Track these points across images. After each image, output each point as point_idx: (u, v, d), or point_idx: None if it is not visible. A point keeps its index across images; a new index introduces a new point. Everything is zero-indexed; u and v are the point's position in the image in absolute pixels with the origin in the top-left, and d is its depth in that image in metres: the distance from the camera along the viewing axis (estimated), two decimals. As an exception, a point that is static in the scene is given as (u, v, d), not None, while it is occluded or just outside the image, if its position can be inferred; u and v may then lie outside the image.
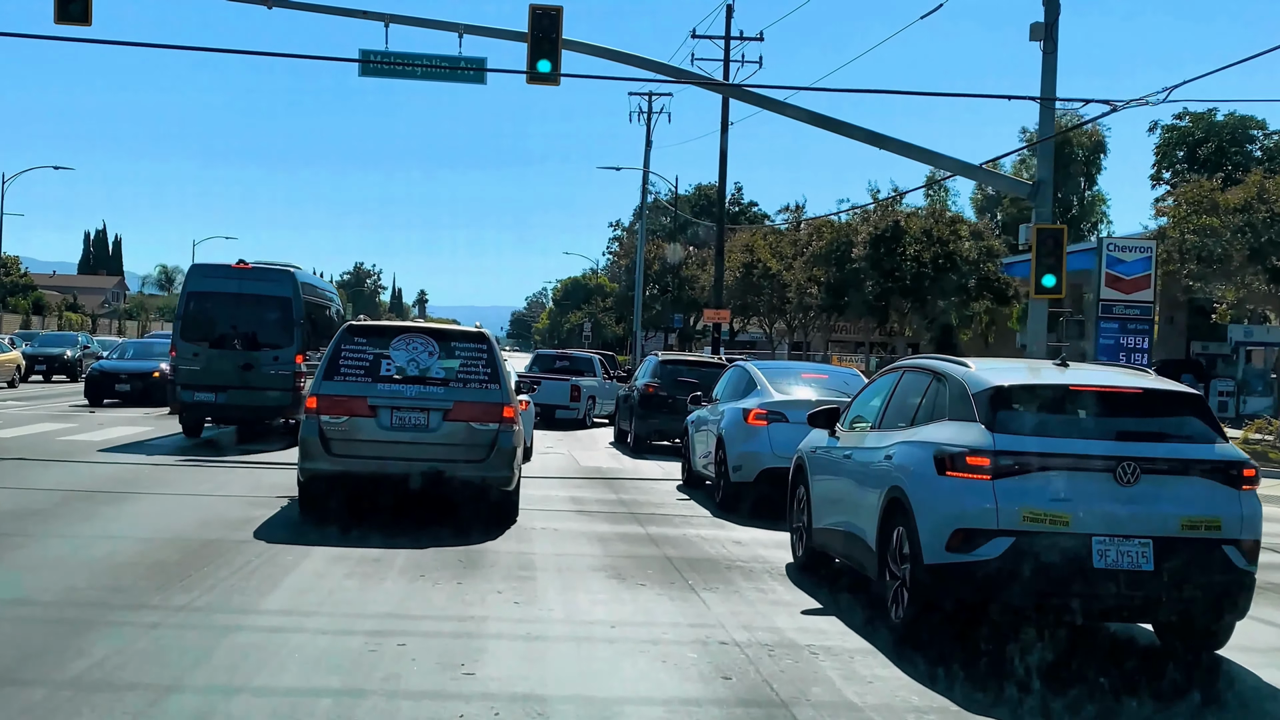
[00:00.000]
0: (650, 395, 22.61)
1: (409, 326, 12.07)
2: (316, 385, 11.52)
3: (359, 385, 11.38)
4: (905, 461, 8.41)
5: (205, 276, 20.79)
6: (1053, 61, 23.16)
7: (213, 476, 15.39)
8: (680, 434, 21.73)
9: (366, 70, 22.15)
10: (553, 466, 18.90)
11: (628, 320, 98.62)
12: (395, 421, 11.32)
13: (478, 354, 11.72)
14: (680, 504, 14.89)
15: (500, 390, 11.60)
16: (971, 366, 8.67)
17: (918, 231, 34.91)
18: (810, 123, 23.47)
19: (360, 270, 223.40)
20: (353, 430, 11.28)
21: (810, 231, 40.73)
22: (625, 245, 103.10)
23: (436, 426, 11.32)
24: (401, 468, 11.27)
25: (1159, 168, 73.04)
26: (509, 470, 11.52)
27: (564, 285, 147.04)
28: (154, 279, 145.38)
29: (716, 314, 43.34)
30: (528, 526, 12.03)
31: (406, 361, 11.53)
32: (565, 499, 14.59)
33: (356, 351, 11.57)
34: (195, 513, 12.03)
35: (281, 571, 9.08)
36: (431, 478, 11.33)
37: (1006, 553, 7.59)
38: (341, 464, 11.30)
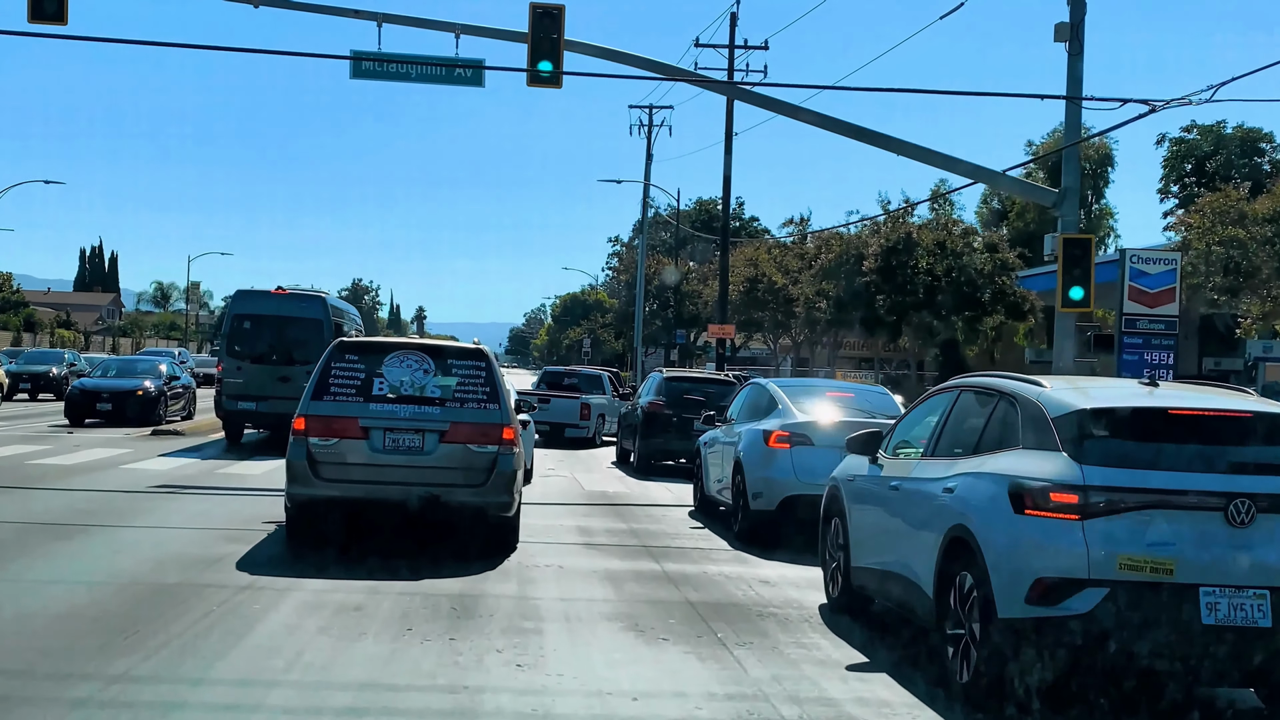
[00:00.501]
0: (655, 414, 21.68)
1: (403, 343, 11.47)
2: (305, 405, 10.84)
3: (350, 405, 10.75)
4: (971, 496, 7.21)
5: (248, 300, 23.09)
6: (1078, 64, 22.05)
7: (188, 506, 14.18)
8: (688, 455, 20.37)
9: (358, 72, 21.01)
10: (555, 490, 17.69)
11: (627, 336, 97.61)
12: (388, 444, 10.69)
13: (476, 372, 11.10)
14: (695, 534, 13.70)
15: (499, 410, 10.92)
16: (1046, 385, 7.49)
17: (930, 244, 33.77)
18: (823, 127, 22.34)
19: (358, 286, 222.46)
20: (343, 453, 10.66)
21: (818, 244, 39.58)
22: (625, 260, 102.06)
23: (432, 449, 10.68)
24: (395, 493, 10.68)
25: (1167, 181, 72.10)
26: (509, 495, 10.87)
27: (563, 301, 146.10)
28: (150, 295, 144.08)
29: (721, 329, 42.17)
30: (530, 563, 10.83)
31: (400, 380, 10.90)
32: (571, 529, 13.38)
33: (347, 369, 10.94)
34: (161, 549, 10.82)
35: (246, 624, 7.86)
36: (427, 503, 10.69)
37: (1099, 606, 6.42)
38: (331, 489, 10.66)
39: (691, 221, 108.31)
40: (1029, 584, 6.56)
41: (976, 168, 23.09)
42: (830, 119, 22.27)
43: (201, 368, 60.18)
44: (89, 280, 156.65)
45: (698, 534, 13.67)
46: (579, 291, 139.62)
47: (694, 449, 20.23)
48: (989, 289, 33.24)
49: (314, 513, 10.89)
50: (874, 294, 33.80)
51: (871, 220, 35.52)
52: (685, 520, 14.90)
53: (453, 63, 20.94)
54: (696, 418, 20.55)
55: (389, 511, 11.01)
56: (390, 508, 10.89)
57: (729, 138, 41.74)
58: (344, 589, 9.18)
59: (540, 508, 15.10)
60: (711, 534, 13.67)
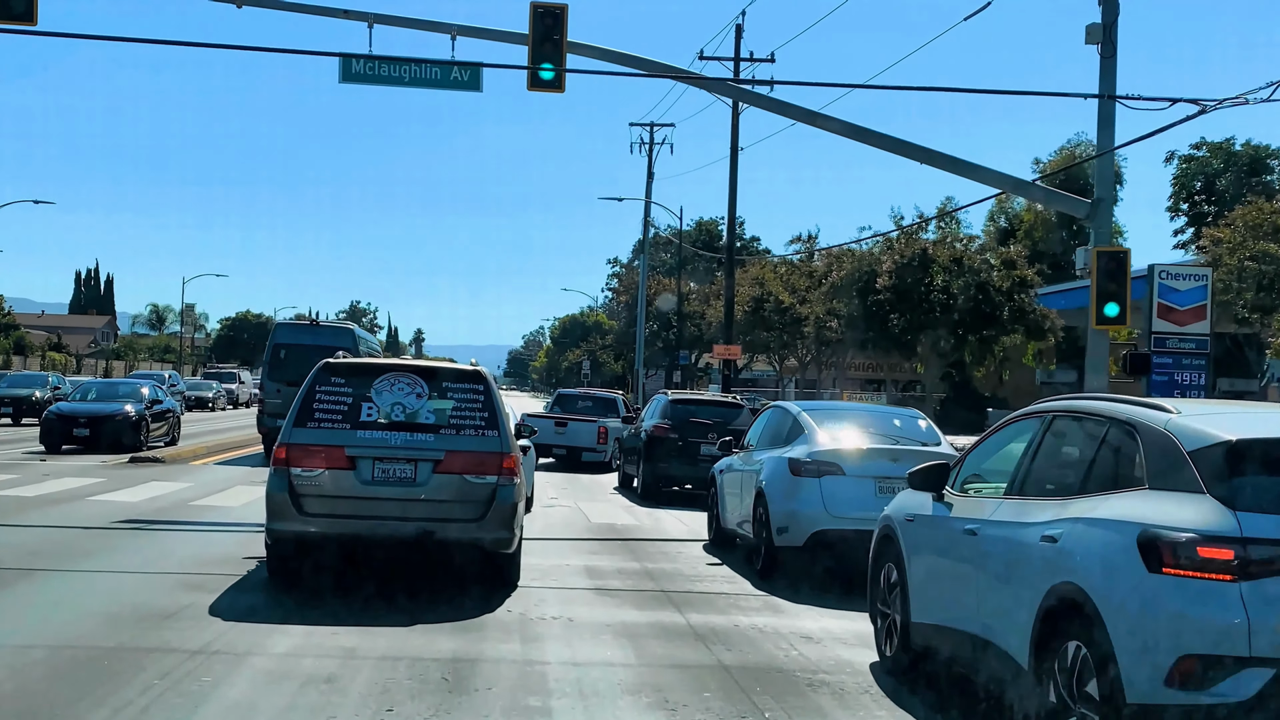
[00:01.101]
0: (660, 438, 20.61)
1: (395, 364, 10.55)
2: (286, 432, 9.93)
3: (336, 432, 9.86)
4: (1084, 548, 5.82)
5: (286, 331, 27.18)
6: (1112, 66, 20.75)
7: (155, 544, 12.75)
8: (695, 481, 20.10)
9: (348, 75, 19.68)
10: (559, 523, 16.27)
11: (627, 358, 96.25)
12: (378, 474, 9.81)
13: (473, 396, 10.23)
14: (715, 573, 12.30)
15: (499, 437, 10.05)
16: (1172, 410, 6.09)
17: (946, 260, 32.44)
18: (844, 134, 21.05)
19: (356, 309, 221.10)
20: (328, 485, 9.78)
21: (829, 261, 38.25)
22: (624, 282, 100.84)
23: (425, 480, 9.81)
24: (385, 528, 9.85)
25: (1176, 200, 70.91)
26: (509, 530, 9.99)
27: (562, 323, 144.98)
28: (145, 318, 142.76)
29: (727, 350, 40.81)
30: (534, 613, 9.42)
31: (391, 405, 10.07)
32: (578, 570, 11.95)
33: (334, 393, 10.07)
34: (111, 600, 9.40)
35: (190, 706, 6.44)
36: (419, 539, 9.85)
37: (1264, 691, 5.04)
38: (315, 524, 9.75)
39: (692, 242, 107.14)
40: (1171, 662, 5.18)
41: (1005, 177, 21.80)
42: (852, 126, 20.99)
43: (193, 390, 58.86)
44: (84, 303, 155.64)
45: (718, 573, 12.26)
46: (578, 313, 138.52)
47: (701, 475, 19.28)
48: (1007, 307, 31.90)
49: (297, 550, 10.01)
50: (888, 312, 32.45)
51: (884, 236, 34.22)
52: (702, 557, 13.48)
53: (449, 64, 19.63)
54: (704, 442, 19.89)
55: (378, 548, 10.17)
56: (380, 544, 10.08)
57: (734, 152, 40.49)
58: (316, 650, 7.78)
59: (544, 544, 13.70)
60: (733, 573, 12.29)
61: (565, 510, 18.09)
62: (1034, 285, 33.72)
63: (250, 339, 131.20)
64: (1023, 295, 32.71)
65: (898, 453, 11.49)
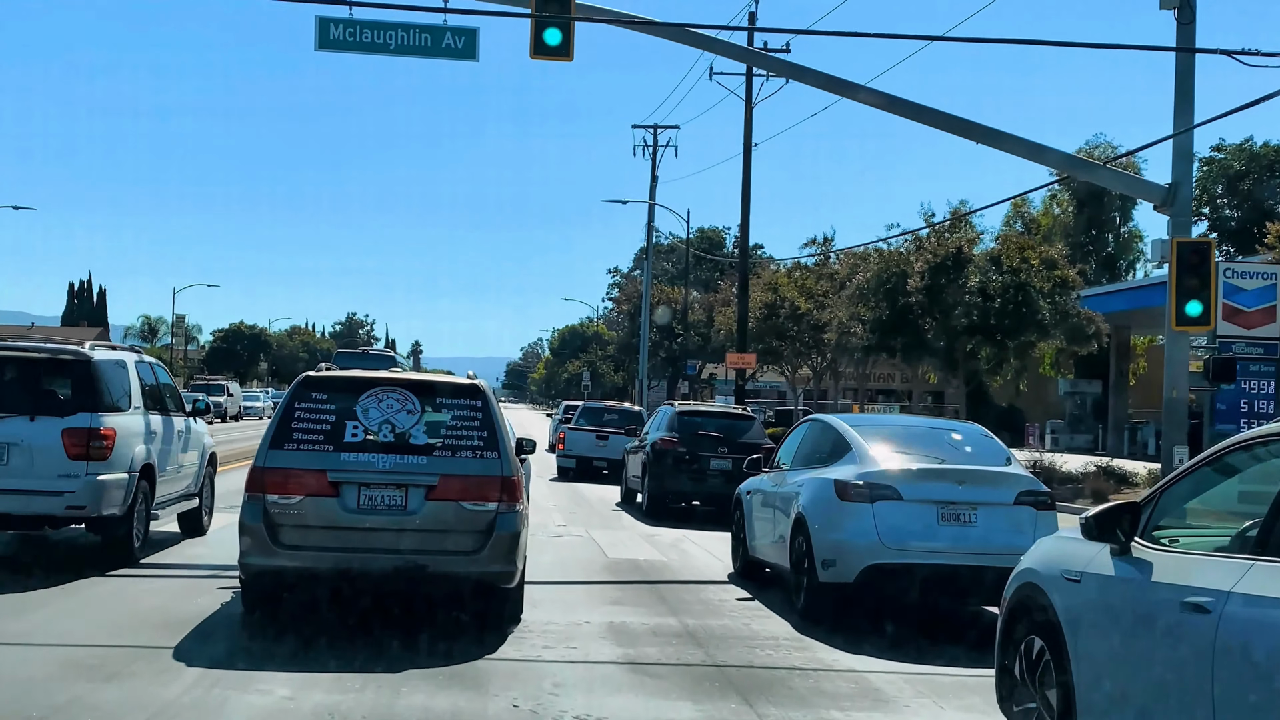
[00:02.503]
0: (667, 451, 19.43)
1: (382, 378, 9.37)
2: (261, 454, 8.83)
3: (317, 455, 8.80)
4: None
5: (341, 358, 30.13)
6: (1190, 32, 18.32)
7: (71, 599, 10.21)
8: (704, 497, 19.45)
9: (325, 41, 17.26)
10: (573, 560, 13.72)
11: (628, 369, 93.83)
12: (364, 502, 8.73)
13: (471, 412, 9.10)
14: (752, 615, 10.24)
15: (499, 459, 8.91)
16: None
17: (983, 260, 29.93)
18: (885, 108, 18.64)
19: (353, 320, 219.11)
20: (309, 514, 8.69)
21: (852, 263, 35.74)
22: (625, 291, 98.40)
23: (417, 508, 8.74)
24: (371, 561, 8.69)
25: (1198, 203, 68.65)
26: (510, 563, 8.88)
27: (561, 334, 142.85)
28: (137, 330, 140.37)
29: (740, 359, 38.35)
30: (550, 708, 6.91)
31: (379, 423, 8.95)
32: (603, 631, 9.41)
33: (314, 411, 8.96)
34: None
35: None
36: (411, 574, 8.74)
37: None
38: (294, 558, 8.66)
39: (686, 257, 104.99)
40: None
41: (1069, 157, 19.40)
42: (890, 97, 18.55)
43: (178, 404, 56.27)
44: (77, 315, 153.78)
45: (755, 615, 10.19)
46: (577, 324, 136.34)
47: (711, 491, 18.99)
48: (1051, 310, 29.41)
49: (273, 586, 9.05)
50: (920, 316, 29.93)
51: (913, 234, 31.75)
52: (731, 591, 11.32)
53: (441, 29, 17.17)
54: (713, 456, 19.11)
55: (364, 584, 8.93)
56: (366, 579, 8.84)
57: (748, 150, 38.10)
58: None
59: (558, 591, 11.22)
60: (770, 613, 10.51)
61: (576, 541, 15.56)
62: (1076, 287, 31.23)
63: (244, 351, 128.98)
64: (1063, 297, 30.21)
65: (963, 474, 9.98)
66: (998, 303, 29.12)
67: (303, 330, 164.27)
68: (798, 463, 11.65)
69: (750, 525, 12.45)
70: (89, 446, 11.01)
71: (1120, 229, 71.52)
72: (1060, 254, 31.51)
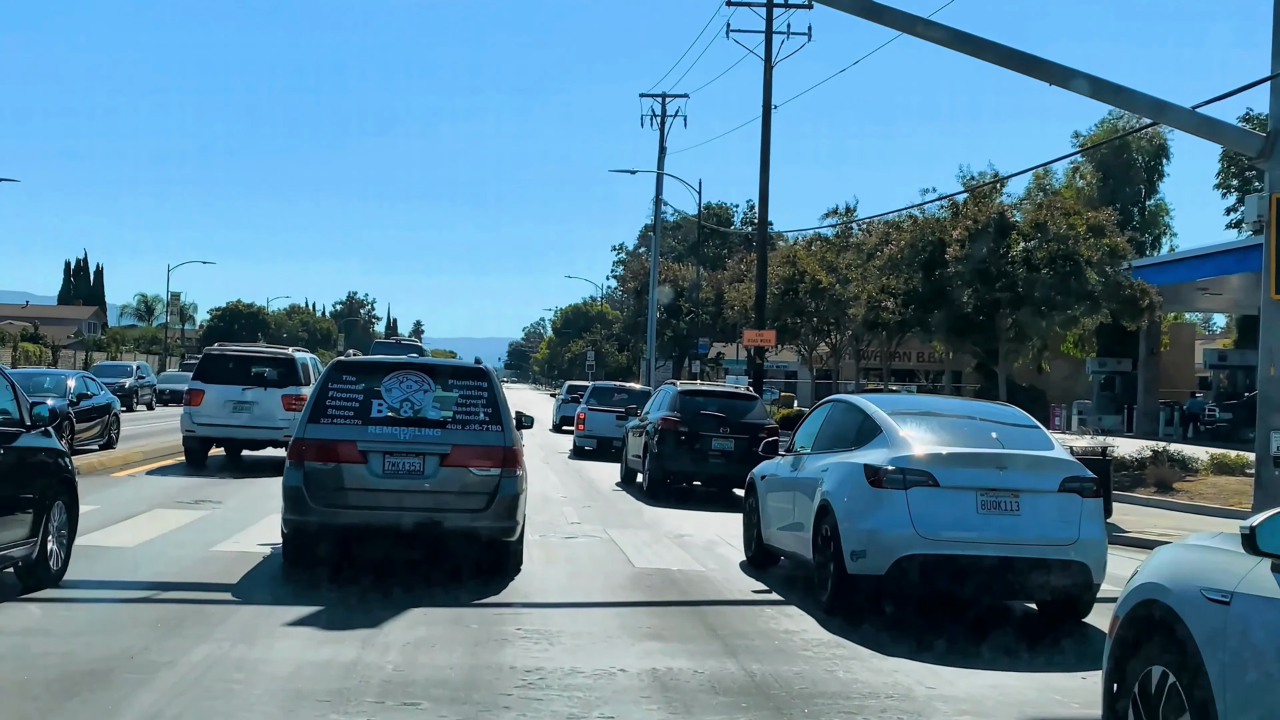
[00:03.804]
0: (670, 431, 19.23)
1: (402, 363, 10.99)
2: (300, 427, 10.41)
3: (348, 428, 10.28)
4: None
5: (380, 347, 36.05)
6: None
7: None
8: (704, 477, 19.40)
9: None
10: (593, 571, 11.41)
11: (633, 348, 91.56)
12: (388, 468, 10.23)
13: (478, 392, 10.63)
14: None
15: (502, 432, 10.47)
16: None
17: (1028, 226, 27.52)
18: (945, 44, 16.20)
19: (353, 300, 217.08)
20: (341, 478, 10.15)
21: (884, 232, 33.28)
22: (630, 269, 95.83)
23: (433, 473, 10.25)
24: (394, 518, 10.20)
25: (1226, 175, 66.28)
26: (512, 520, 10.38)
27: (564, 314, 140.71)
28: (133, 309, 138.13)
29: (759, 336, 35.98)
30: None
31: (400, 401, 10.47)
32: (644, 681, 7.09)
33: (345, 390, 10.47)
34: None
35: None
36: (427, 529, 10.24)
37: None
38: (329, 515, 10.13)
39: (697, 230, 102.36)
40: None
41: (1159, 103, 16.89)
42: (958, 33, 16.12)
43: (167, 384, 53.71)
44: (74, 294, 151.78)
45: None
46: (580, 303, 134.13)
47: (713, 472, 19.12)
48: (1100, 280, 27.00)
49: (311, 539, 10.37)
50: (960, 288, 27.55)
51: (949, 199, 29.33)
52: (833, 644, 8.79)
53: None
54: (715, 436, 19.04)
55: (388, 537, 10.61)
56: (389, 533, 10.46)
57: (767, 112, 35.69)
58: None
59: (580, 619, 9.04)
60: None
61: (594, 544, 13.30)
62: (1127, 255, 28.83)
63: (242, 330, 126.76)
64: (1115, 267, 27.80)
65: (1004, 458, 9.39)
66: (1044, 273, 26.74)
67: (302, 309, 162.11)
68: (819, 446, 10.97)
69: (764, 512, 11.82)
70: (295, 403, 19.33)
71: (1145, 202, 69.04)
72: (1109, 219, 29.08)
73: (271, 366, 21.01)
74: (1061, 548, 9.03)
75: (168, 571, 10.23)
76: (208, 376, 20.91)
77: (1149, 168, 67.49)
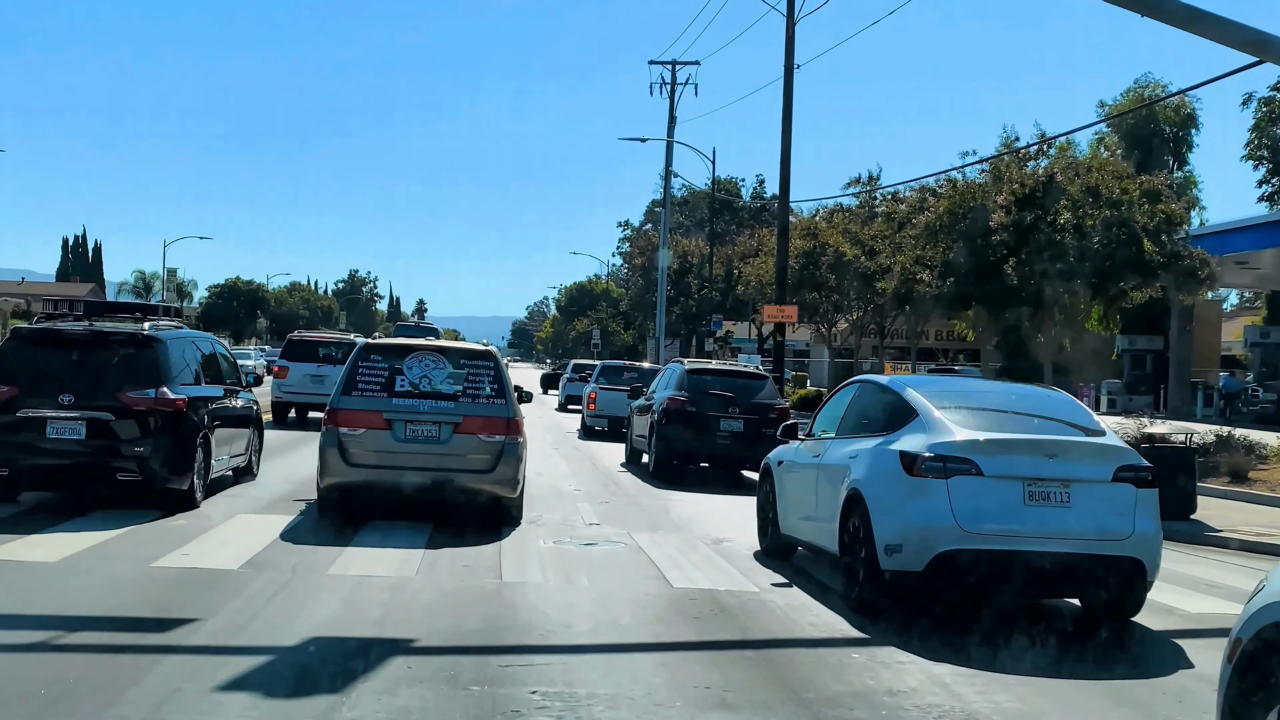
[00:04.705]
0: (676, 411, 18.75)
1: (421, 345, 12.47)
2: (335, 399, 11.92)
3: (375, 400, 11.86)
4: None
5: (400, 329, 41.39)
6: None
7: None
8: (711, 458, 18.94)
9: None
10: (624, 597, 9.10)
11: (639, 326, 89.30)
12: (409, 434, 11.81)
13: (485, 370, 12.21)
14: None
15: (506, 405, 12.04)
16: None
17: (1078, 191, 25.28)
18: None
19: (355, 278, 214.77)
20: (369, 442, 11.75)
21: (917, 199, 30.98)
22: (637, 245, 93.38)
23: (447, 439, 11.82)
24: (414, 477, 11.79)
25: (1255, 146, 63.80)
26: (514, 481, 12.01)
27: (568, 291, 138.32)
28: (130, 286, 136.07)
29: (779, 312, 33.66)
30: None
31: (419, 377, 12.01)
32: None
33: (373, 368, 12.03)
34: None
35: None
36: (442, 486, 11.84)
37: None
38: (359, 474, 11.76)
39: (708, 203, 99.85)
40: None
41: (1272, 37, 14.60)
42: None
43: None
44: (71, 271, 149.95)
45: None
46: (585, 281, 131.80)
47: (721, 453, 18.68)
48: (1157, 250, 24.78)
49: (343, 494, 11.90)
50: (1005, 257, 25.32)
51: (990, 161, 27.04)
52: None
53: None
54: (724, 416, 18.68)
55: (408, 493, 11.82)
56: (409, 490, 11.77)
57: (789, 72, 33.30)
58: None
59: (616, 666, 6.87)
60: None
61: (619, 554, 11.15)
62: (1184, 223, 26.57)
63: (241, 308, 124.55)
64: (1170, 235, 25.57)
65: (1053, 445, 8.75)
66: (1096, 242, 24.50)
67: (303, 287, 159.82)
68: (846, 430, 10.31)
69: (782, 500, 11.32)
70: None
71: (1174, 173, 66.64)
72: (1164, 184, 26.82)
73: (337, 348, 25.53)
74: (1115, 543, 8.42)
75: (87, 607, 8.08)
76: (291, 355, 25.71)
77: (1177, 138, 65.09)
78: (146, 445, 11.53)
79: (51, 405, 11.42)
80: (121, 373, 11.74)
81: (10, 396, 11.43)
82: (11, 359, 11.82)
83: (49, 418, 11.38)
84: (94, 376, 11.67)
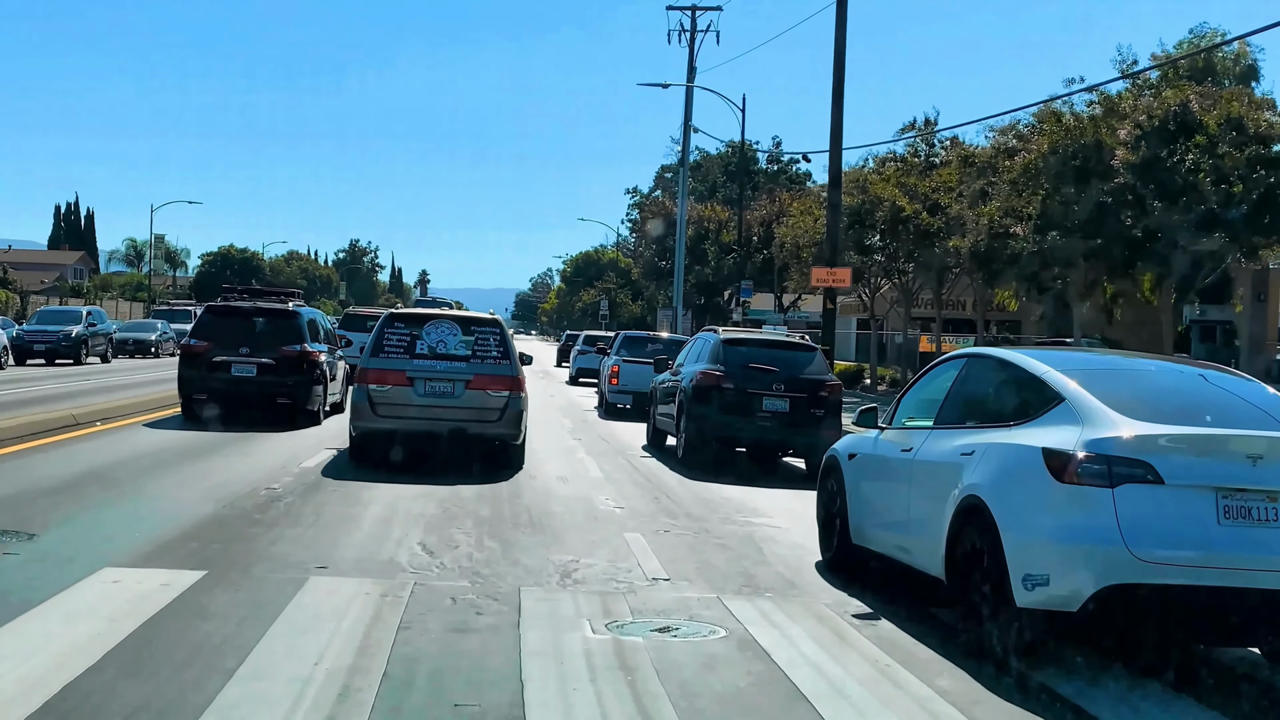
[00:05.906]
0: (711, 388, 16.61)
1: (437, 314, 15.03)
2: (365, 360, 14.38)
3: (399, 360, 14.19)
4: None
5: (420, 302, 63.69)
6: None
7: None
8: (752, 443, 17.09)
9: None
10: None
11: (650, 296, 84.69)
12: (428, 390, 14.10)
13: (492, 335, 14.59)
14: None
15: (510, 365, 14.41)
16: None
17: (1216, 124, 20.60)
18: None
19: (356, 248, 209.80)
20: (394, 396, 14.07)
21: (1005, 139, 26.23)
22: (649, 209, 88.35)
23: (460, 394, 14.12)
24: (432, 426, 14.14)
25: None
26: (517, 429, 14.43)
27: (574, 261, 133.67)
28: (121, 255, 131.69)
29: (830, 275, 29.09)
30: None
31: (436, 342, 14.32)
32: None
33: (396, 334, 14.41)
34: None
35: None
36: (456, 434, 14.13)
37: None
38: (385, 423, 14.11)
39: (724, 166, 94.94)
40: None
41: None
42: None
43: (130, 332, 46.79)
44: (63, 239, 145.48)
45: None
46: (591, 251, 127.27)
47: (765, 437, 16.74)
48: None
49: (372, 440, 14.27)
50: (1129, 204, 20.67)
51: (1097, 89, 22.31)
52: None
53: None
54: (767, 394, 16.53)
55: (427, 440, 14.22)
56: (428, 437, 14.19)
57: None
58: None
59: None
60: None
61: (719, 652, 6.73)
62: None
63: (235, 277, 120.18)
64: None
65: (1259, 443, 6.47)
66: (1240, 188, 19.88)
67: (301, 256, 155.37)
68: (949, 418, 8.31)
69: (855, 502, 9.38)
70: None
71: (1234, 132, 62.03)
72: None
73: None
74: None
75: None
76: (349, 327, 30.68)
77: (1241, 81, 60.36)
78: (294, 380, 18.18)
79: (234, 354, 18.13)
80: (278, 334, 18.35)
81: (207, 348, 18.21)
82: (208, 325, 19.00)
83: (232, 361, 18.05)
84: (260, 336, 18.33)
